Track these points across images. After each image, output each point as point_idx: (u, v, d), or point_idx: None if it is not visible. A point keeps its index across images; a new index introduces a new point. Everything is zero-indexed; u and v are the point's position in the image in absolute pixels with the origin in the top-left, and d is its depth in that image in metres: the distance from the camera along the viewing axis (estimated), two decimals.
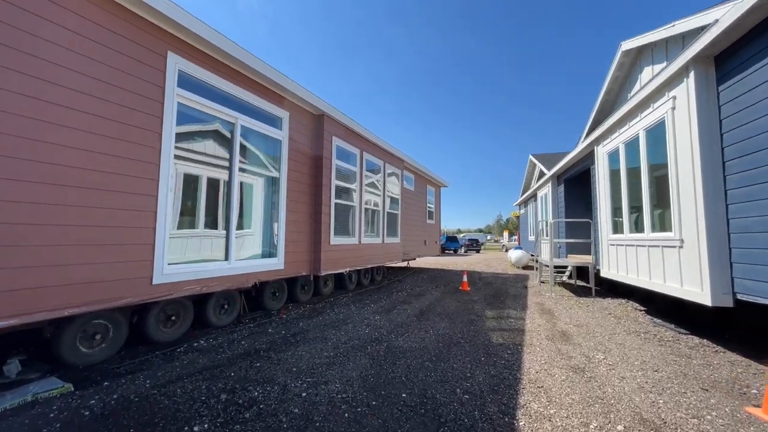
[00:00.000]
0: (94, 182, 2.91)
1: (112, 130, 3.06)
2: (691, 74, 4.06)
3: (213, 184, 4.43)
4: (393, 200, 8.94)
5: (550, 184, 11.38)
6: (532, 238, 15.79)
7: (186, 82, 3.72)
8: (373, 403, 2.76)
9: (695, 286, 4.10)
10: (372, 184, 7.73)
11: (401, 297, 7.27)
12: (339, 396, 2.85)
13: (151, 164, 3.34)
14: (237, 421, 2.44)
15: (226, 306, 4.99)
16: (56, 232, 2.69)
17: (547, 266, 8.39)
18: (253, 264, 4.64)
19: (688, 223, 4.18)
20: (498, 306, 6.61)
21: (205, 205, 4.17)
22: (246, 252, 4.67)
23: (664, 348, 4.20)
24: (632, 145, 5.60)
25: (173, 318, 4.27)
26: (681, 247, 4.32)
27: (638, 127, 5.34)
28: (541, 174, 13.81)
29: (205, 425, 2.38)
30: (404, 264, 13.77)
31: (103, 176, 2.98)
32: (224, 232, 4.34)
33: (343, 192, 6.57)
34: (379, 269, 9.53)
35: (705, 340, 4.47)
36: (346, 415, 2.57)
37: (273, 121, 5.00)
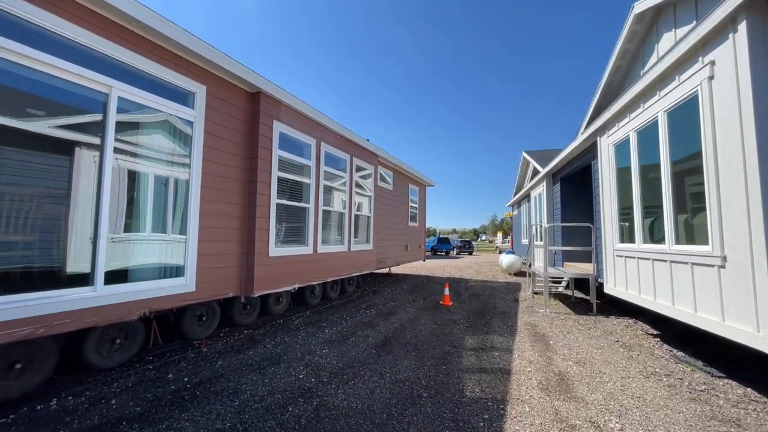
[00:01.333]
0: None
1: None
2: (741, 27, 2.91)
3: (82, 174, 3.18)
4: (363, 201, 7.74)
5: (544, 184, 10.25)
6: (525, 241, 14.68)
7: None
8: None
9: (745, 324, 2.95)
10: (334, 182, 6.51)
11: (368, 316, 6.07)
12: None
13: None
14: None
15: (118, 340, 3.76)
16: None
17: (541, 276, 7.26)
18: (141, 288, 3.38)
19: (734, 233, 3.03)
20: (482, 329, 5.44)
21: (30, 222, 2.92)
22: (133, 270, 3.42)
23: (700, 406, 3.04)
24: (648, 132, 4.45)
25: (18, 366, 3.03)
26: (722, 266, 3.17)
27: (656, 108, 4.20)
28: (535, 172, 12.70)
29: None
30: (386, 270, 12.57)
31: None
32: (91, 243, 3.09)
33: (291, 191, 5.33)
34: (350, 279, 8.33)
35: (750, 390, 3.33)
36: None
37: (179, 96, 3.76)
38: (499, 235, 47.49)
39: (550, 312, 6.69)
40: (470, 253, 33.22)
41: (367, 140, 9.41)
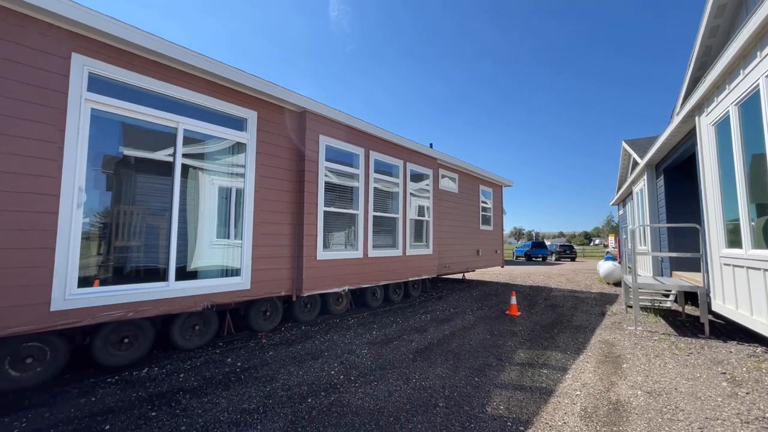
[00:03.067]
0: None
1: (23, 148, 2.84)
2: None
3: (161, 196, 4.06)
4: (421, 205, 7.72)
5: (645, 177, 8.59)
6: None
7: (99, 84, 3.38)
8: None
9: None
10: (385, 188, 6.71)
11: (421, 321, 6.04)
12: None
13: (52, 180, 3.03)
14: None
15: (197, 327, 4.59)
16: None
17: (644, 289, 6.08)
18: (205, 284, 4.11)
19: None
20: (541, 344, 4.90)
21: (128, 223, 3.80)
22: (199, 270, 4.18)
23: None
24: (750, 105, 3.44)
25: (126, 340, 3.99)
26: None
27: (757, 73, 3.23)
28: (635, 164, 10.73)
29: None
30: (459, 276, 12.18)
31: None
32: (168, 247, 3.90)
33: (340, 198, 5.71)
34: (415, 283, 8.37)
35: None
36: None
37: (234, 122, 4.46)
38: (611, 238, 40.94)
39: (641, 330, 5.61)
40: (572, 260, 29.61)
41: (430, 145, 9.38)
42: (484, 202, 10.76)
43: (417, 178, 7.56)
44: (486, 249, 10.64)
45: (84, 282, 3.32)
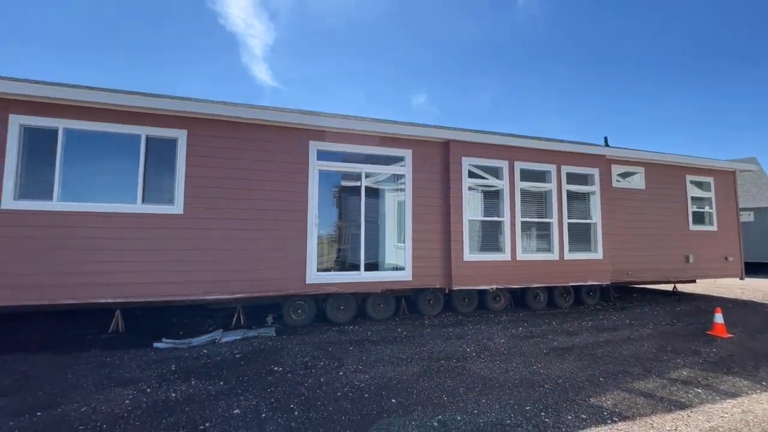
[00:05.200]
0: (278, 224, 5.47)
1: (286, 194, 5.57)
2: None
3: (349, 218, 6.27)
4: (583, 207, 7.29)
5: None
6: None
7: (321, 154, 5.81)
8: None
9: None
10: (534, 193, 6.95)
11: (577, 327, 5.98)
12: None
13: (303, 212, 5.60)
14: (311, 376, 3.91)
15: (381, 305, 6.59)
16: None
17: None
18: (380, 275, 6.00)
19: None
20: (731, 369, 4.16)
21: (340, 233, 6.05)
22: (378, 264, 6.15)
23: None
24: None
25: (342, 308, 6.36)
26: None
27: None
28: None
29: (285, 367, 4.00)
30: (669, 287, 9.90)
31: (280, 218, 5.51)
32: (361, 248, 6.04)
33: (484, 207, 6.53)
34: (591, 290, 7.90)
35: None
36: None
37: (395, 160, 6.24)
38: None
39: None
40: None
41: (605, 139, 8.62)
42: (696, 196, 8.54)
43: (577, 179, 7.27)
44: (704, 255, 8.38)
45: (319, 269, 5.80)
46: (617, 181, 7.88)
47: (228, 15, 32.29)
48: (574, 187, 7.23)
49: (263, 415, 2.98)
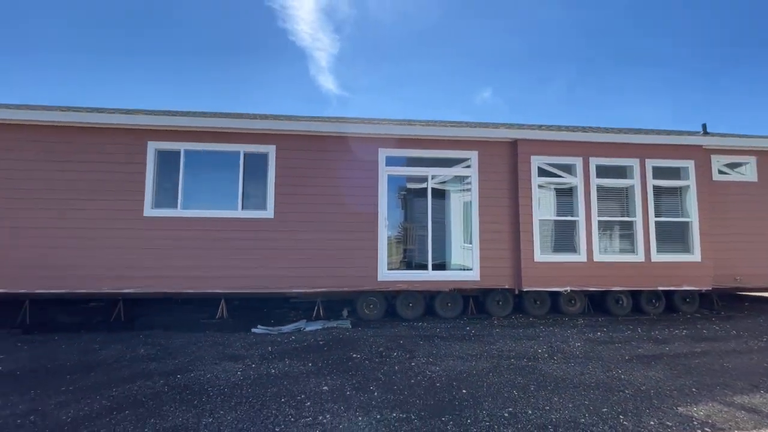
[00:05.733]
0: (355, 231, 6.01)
1: (359, 198, 6.07)
2: None
3: (414, 218, 6.53)
4: (674, 203, 6.57)
5: None
6: None
7: (389, 160, 6.19)
8: None
9: None
10: (613, 190, 6.48)
11: (668, 335, 5.47)
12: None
13: (374, 214, 6.04)
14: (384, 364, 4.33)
15: (449, 304, 6.73)
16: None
17: None
18: (448, 274, 6.16)
19: None
20: None
21: (405, 234, 6.34)
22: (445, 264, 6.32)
23: None
24: None
25: (410, 305, 6.67)
26: None
27: None
28: None
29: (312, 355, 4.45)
30: None
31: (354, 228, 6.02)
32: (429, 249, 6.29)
33: (557, 207, 6.29)
34: (689, 295, 7.07)
35: None
36: None
37: (461, 161, 6.35)
38: None
39: None
40: None
41: (703, 126, 7.73)
42: None
43: (666, 173, 6.59)
44: None
45: (390, 266, 6.19)
46: (720, 173, 6.94)
47: (297, 31, 34.97)
48: (662, 182, 6.57)
49: (347, 393, 3.41)
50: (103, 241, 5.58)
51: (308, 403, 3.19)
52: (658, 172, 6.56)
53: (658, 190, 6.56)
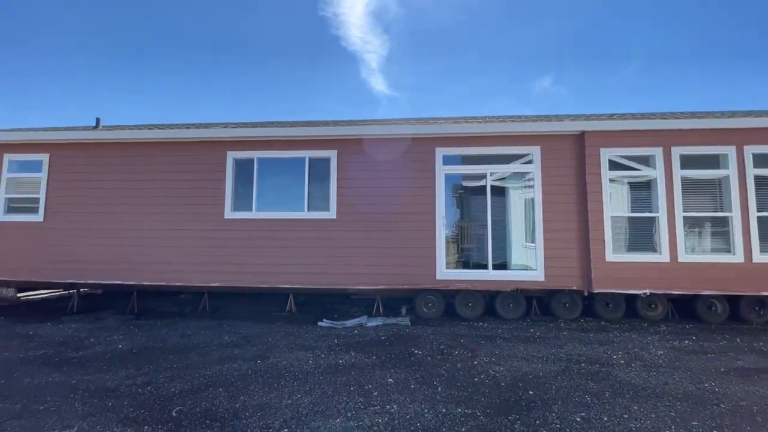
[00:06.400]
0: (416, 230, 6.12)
1: (417, 197, 6.17)
2: None
3: (471, 217, 6.41)
4: None
5: None
6: None
7: (447, 158, 6.19)
8: None
9: None
10: (703, 182, 5.72)
11: (761, 347, 4.74)
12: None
13: (432, 213, 6.09)
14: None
15: (511, 304, 6.53)
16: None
17: None
18: (509, 273, 5.97)
19: None
20: None
21: (461, 233, 6.27)
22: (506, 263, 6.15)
23: None
24: None
25: (470, 304, 6.59)
26: None
27: None
28: None
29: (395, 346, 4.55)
30: None
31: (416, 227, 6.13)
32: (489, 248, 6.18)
33: (633, 202, 5.75)
34: None
35: None
36: None
37: (521, 157, 6.12)
38: None
39: None
40: None
41: None
42: None
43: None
44: None
45: (447, 266, 6.19)
46: None
47: (348, 37, 36.11)
48: (765, 172, 5.70)
49: (412, 386, 3.53)
50: (192, 241, 6.38)
51: (375, 393, 3.37)
52: (761, 161, 5.69)
53: (760, 181, 5.70)
